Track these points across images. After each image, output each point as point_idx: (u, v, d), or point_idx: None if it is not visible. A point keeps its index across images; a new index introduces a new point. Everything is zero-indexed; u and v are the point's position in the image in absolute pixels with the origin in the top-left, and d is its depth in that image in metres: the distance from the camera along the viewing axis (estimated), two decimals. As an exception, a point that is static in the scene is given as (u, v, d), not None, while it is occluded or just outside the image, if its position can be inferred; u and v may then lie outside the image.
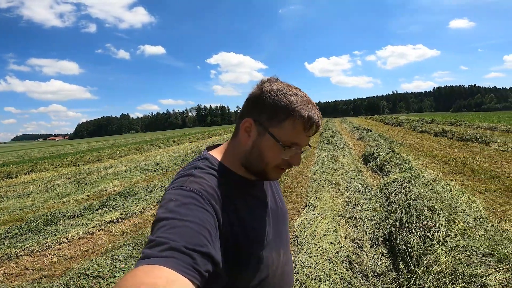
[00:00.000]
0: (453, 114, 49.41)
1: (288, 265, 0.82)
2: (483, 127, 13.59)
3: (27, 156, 23.44)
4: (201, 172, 0.65)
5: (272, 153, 0.66)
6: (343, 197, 4.20)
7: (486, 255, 1.90)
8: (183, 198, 0.57)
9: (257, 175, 0.71)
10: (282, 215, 0.82)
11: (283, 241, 0.80)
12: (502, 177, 5.02)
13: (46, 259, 3.28)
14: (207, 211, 0.57)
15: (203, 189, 0.61)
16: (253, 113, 0.68)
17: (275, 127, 0.65)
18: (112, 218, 4.39)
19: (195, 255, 0.48)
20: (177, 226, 0.51)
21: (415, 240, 2.22)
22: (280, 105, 0.65)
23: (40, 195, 7.05)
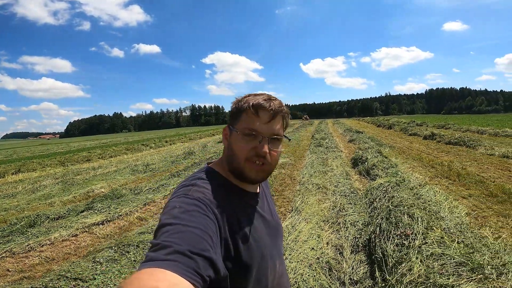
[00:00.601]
0: (443, 117, 50.25)
1: (283, 276, 0.84)
2: (472, 130, 13.84)
3: (16, 155, 23.02)
4: (203, 183, 0.70)
5: (237, 145, 0.72)
6: (329, 202, 4.22)
7: (460, 264, 1.93)
8: (187, 206, 0.60)
9: (239, 177, 0.74)
10: (277, 226, 0.86)
11: (279, 252, 0.84)
12: (486, 182, 5.11)
13: (27, 261, 3.23)
14: (210, 218, 0.60)
15: (206, 197, 0.64)
16: (229, 122, 0.78)
17: (236, 123, 0.74)
18: (96, 221, 4.34)
19: (198, 259, 0.49)
20: (181, 231, 0.53)
21: (392, 248, 2.24)
22: (238, 106, 0.75)
23: (25, 196, 6.93)
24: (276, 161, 0.75)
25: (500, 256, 2.36)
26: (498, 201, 4.06)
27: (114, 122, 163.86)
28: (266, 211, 0.82)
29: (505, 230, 3.10)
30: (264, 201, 0.84)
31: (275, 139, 0.74)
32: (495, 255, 2.39)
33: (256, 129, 0.71)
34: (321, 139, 12.35)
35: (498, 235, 2.92)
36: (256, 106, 0.72)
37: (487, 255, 2.38)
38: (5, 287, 2.65)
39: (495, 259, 2.31)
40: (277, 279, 0.79)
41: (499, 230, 3.09)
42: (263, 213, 0.80)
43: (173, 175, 7.41)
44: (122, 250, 3.08)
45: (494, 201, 4.09)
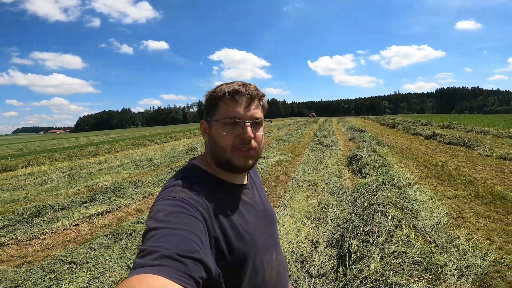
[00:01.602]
0: (451, 116, 49.38)
1: (282, 265, 0.84)
2: (476, 131, 13.71)
3: (26, 149, 23.74)
4: (186, 181, 0.68)
5: (221, 136, 0.70)
6: (317, 198, 4.39)
7: (416, 263, 2.05)
8: (170, 208, 0.58)
9: (226, 168, 0.73)
10: (271, 217, 0.85)
11: (275, 242, 0.84)
12: (476, 183, 5.18)
13: (30, 248, 3.50)
14: (196, 218, 0.59)
15: (190, 197, 0.62)
16: (204, 115, 0.78)
17: (215, 114, 0.72)
18: (97, 211, 4.61)
19: (188, 262, 0.49)
20: (167, 235, 0.52)
21: (356, 244, 2.39)
22: (212, 96, 0.74)
23: (34, 188, 7.27)
24: (261, 145, 0.75)
25: (467, 257, 2.49)
26: (482, 203, 4.15)
27: (123, 117, 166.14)
28: (257, 201, 0.81)
29: (480, 231, 3.20)
30: (254, 191, 0.83)
31: (256, 123, 0.73)
32: (462, 256, 2.52)
33: (237, 116, 0.70)
34: (321, 137, 12.45)
35: (472, 236, 3.04)
36: (232, 93, 0.71)
37: (454, 255, 2.52)
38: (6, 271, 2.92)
39: (461, 260, 2.44)
40: (274, 269, 0.79)
41: (475, 231, 3.19)
42: (253, 204, 0.79)
43: (173, 170, 7.66)
44: (115, 237, 3.33)
45: (479, 202, 4.18)
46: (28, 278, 2.40)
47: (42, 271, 2.54)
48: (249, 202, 0.78)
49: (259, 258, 0.72)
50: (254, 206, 0.79)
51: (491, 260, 2.41)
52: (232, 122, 0.70)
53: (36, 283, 2.35)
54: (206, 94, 0.76)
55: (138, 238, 3.38)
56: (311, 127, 22.88)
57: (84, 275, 2.51)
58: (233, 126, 0.70)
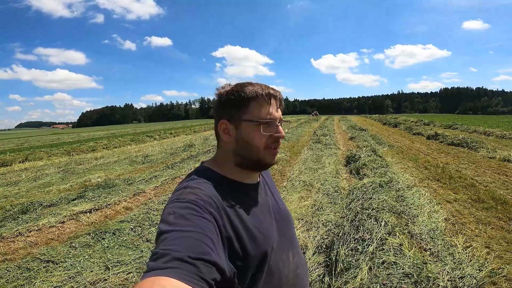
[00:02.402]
0: (455, 116, 48.95)
1: (300, 268, 0.82)
2: (479, 132, 13.48)
3: (27, 144, 23.73)
4: (196, 183, 0.68)
5: (255, 134, 0.72)
6: (311, 199, 4.25)
7: (406, 275, 1.91)
8: (180, 210, 0.59)
9: (254, 166, 0.75)
10: (286, 216, 0.83)
11: (292, 242, 0.81)
12: (477, 186, 5.01)
13: (13, 245, 3.39)
14: (206, 219, 0.59)
15: (199, 198, 0.62)
16: (223, 115, 0.74)
17: (245, 114, 0.72)
18: (85, 209, 4.49)
19: (199, 264, 0.49)
20: (178, 237, 0.52)
21: (345, 252, 2.24)
22: (242, 95, 0.72)
23: (27, 184, 7.18)
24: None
25: (462, 267, 2.34)
26: (483, 207, 3.99)
27: (125, 113, 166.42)
28: (270, 200, 0.81)
29: (479, 239, 3.04)
30: (267, 190, 0.83)
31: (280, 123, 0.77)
32: (458, 266, 2.38)
33: (272, 116, 0.73)
34: (321, 136, 12.28)
35: (470, 244, 2.88)
36: (267, 94, 0.73)
37: (449, 265, 2.37)
38: None
39: (456, 271, 2.30)
40: (292, 271, 0.77)
41: (473, 239, 3.03)
42: (266, 204, 0.78)
43: (168, 167, 7.54)
44: (98, 236, 3.22)
45: (479, 207, 4.01)
46: (3, 276, 2.31)
47: (18, 269, 2.46)
48: (262, 202, 0.77)
49: (274, 258, 0.71)
50: (268, 205, 0.78)
51: (488, 271, 2.26)
52: (268, 122, 0.72)
53: (10, 281, 2.26)
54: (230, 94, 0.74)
55: (121, 238, 3.26)
56: (312, 125, 22.67)
57: (60, 274, 2.41)
58: (268, 126, 0.72)
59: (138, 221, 3.77)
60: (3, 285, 2.30)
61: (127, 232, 3.41)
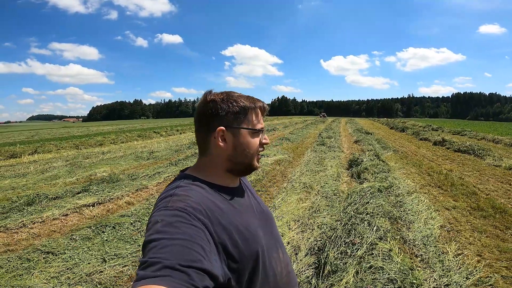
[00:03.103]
0: (465, 122, 48.02)
1: (290, 265, 0.85)
2: (488, 139, 13.23)
3: (37, 136, 24.30)
4: (183, 190, 0.68)
5: (252, 142, 0.77)
6: (309, 202, 4.28)
7: (391, 281, 1.93)
8: (168, 218, 0.58)
9: (244, 171, 0.79)
10: (269, 216, 0.87)
11: (278, 241, 0.84)
12: (479, 194, 4.97)
13: (16, 236, 3.51)
14: (196, 226, 0.58)
15: (188, 205, 0.62)
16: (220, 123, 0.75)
17: (244, 123, 0.76)
18: (88, 202, 4.62)
19: (190, 272, 0.48)
20: (168, 245, 0.52)
21: (334, 255, 2.27)
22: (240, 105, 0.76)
23: (35, 176, 7.37)
24: None
25: (450, 274, 2.36)
26: (481, 216, 3.96)
27: (134, 108, 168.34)
28: (253, 202, 0.83)
29: (472, 247, 3.03)
30: (248, 193, 0.85)
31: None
32: (446, 273, 2.39)
33: (262, 126, 0.80)
34: (326, 138, 12.25)
35: (462, 251, 2.88)
36: (262, 107, 0.81)
37: (437, 272, 2.39)
38: None
39: (444, 278, 2.31)
40: (284, 269, 0.79)
41: (466, 246, 3.02)
42: (250, 205, 0.80)
43: (171, 164, 7.65)
44: (99, 230, 3.32)
45: (477, 215, 3.99)
46: (4, 266, 2.41)
47: (19, 260, 2.56)
48: (246, 204, 0.79)
49: (267, 258, 0.73)
50: (251, 207, 0.80)
51: (475, 279, 2.26)
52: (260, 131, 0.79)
53: (10, 270, 2.36)
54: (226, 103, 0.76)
55: (120, 232, 3.36)
56: (318, 127, 22.59)
57: (58, 265, 2.50)
58: (258, 134, 0.79)
59: (138, 216, 3.86)
60: (2, 275, 2.39)
61: (127, 227, 3.51)
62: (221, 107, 0.75)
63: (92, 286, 2.34)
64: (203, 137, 0.78)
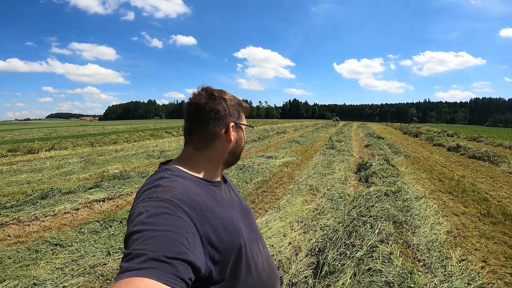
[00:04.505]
0: (482, 128, 46.41)
1: (270, 258, 0.86)
2: (504, 146, 12.77)
3: (55, 133, 25.17)
4: (167, 181, 0.66)
5: (244, 136, 0.85)
6: (314, 204, 4.27)
7: (388, 284, 1.91)
8: (154, 209, 0.57)
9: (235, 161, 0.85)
10: (248, 210, 0.88)
11: (258, 235, 0.85)
12: (490, 201, 4.83)
13: (28, 228, 3.67)
14: (181, 218, 0.57)
15: (174, 197, 0.61)
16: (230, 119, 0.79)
17: (242, 120, 0.84)
18: (99, 198, 4.77)
19: (176, 263, 0.48)
20: (153, 237, 0.51)
21: (332, 256, 2.27)
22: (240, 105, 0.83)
23: (50, 171, 7.65)
24: None
25: (452, 280, 2.32)
26: (490, 222, 3.85)
27: (148, 108, 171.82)
28: (233, 197, 0.84)
29: (478, 252, 2.96)
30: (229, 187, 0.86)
31: None
32: (447, 278, 2.35)
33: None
34: (336, 142, 12.14)
35: (466, 257, 2.81)
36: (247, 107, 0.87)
37: (439, 277, 2.35)
38: None
39: (445, 283, 2.28)
40: (266, 261, 0.81)
41: (471, 252, 2.95)
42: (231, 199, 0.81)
43: (180, 164, 7.78)
44: (106, 224, 3.42)
45: (486, 222, 3.88)
46: (12, 257, 2.51)
47: (27, 251, 2.66)
48: (228, 198, 0.80)
49: (249, 250, 0.74)
50: (232, 201, 0.82)
51: (477, 285, 2.21)
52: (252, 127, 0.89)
53: (18, 261, 2.46)
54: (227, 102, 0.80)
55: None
56: (328, 131, 22.40)
57: (64, 257, 2.60)
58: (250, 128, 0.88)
59: (145, 212, 3.96)
60: (9, 265, 2.50)
61: (133, 222, 3.60)
62: (231, 104, 0.80)
63: (94, 277, 2.41)
64: (206, 132, 0.76)
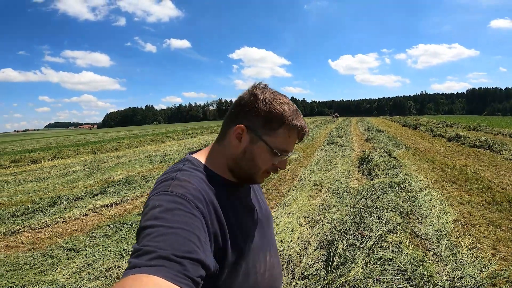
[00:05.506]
0: (481, 118, 46.49)
1: (275, 268, 0.82)
2: (504, 134, 12.85)
3: (55, 143, 25.19)
4: (184, 175, 0.64)
5: (264, 159, 0.69)
6: (319, 198, 4.32)
7: (400, 272, 1.95)
8: (167, 204, 0.55)
9: (244, 179, 0.73)
10: (266, 217, 0.83)
11: (269, 243, 0.81)
12: (494, 188, 4.88)
13: (40, 235, 3.72)
14: (194, 215, 0.56)
15: (189, 192, 0.59)
16: (246, 120, 0.68)
17: (268, 135, 0.67)
18: (106, 203, 4.82)
19: (185, 262, 0.47)
20: (164, 234, 0.50)
21: (342, 247, 2.32)
22: (274, 113, 0.67)
23: (55, 180, 7.70)
24: None
25: (464, 268, 2.36)
26: (496, 210, 3.90)
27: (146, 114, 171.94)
28: (253, 201, 0.79)
29: (487, 240, 2.99)
30: (251, 190, 0.81)
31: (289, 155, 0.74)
32: (459, 266, 2.39)
33: (289, 150, 0.70)
34: (336, 137, 12.20)
35: (476, 245, 2.86)
36: (301, 130, 0.70)
37: (450, 265, 2.39)
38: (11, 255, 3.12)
39: (457, 271, 2.32)
40: (268, 271, 0.77)
41: (481, 240, 2.99)
42: (248, 203, 0.77)
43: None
44: (117, 228, 3.48)
45: (492, 209, 3.92)
46: (29, 262, 2.56)
47: (43, 256, 2.71)
48: (245, 201, 0.76)
49: (251, 258, 0.71)
50: (249, 205, 0.77)
51: (490, 272, 2.25)
52: (282, 154, 0.69)
53: (35, 267, 2.51)
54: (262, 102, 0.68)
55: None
56: (328, 127, 22.46)
57: (80, 261, 2.65)
58: (279, 157, 0.69)
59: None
60: (27, 271, 2.55)
61: (143, 225, 3.66)
62: (257, 105, 0.67)
63: (110, 280, 2.47)
64: (226, 124, 0.73)
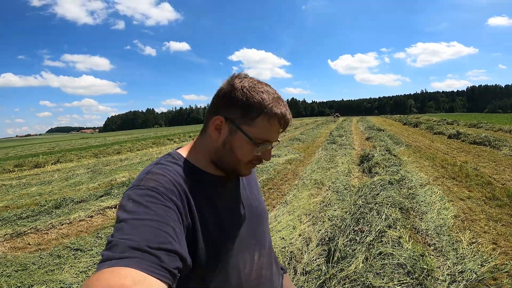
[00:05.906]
0: (481, 115, 46.42)
1: (267, 269, 0.78)
2: (504, 130, 12.87)
3: (58, 147, 25.35)
4: (160, 168, 0.63)
5: (244, 150, 0.66)
6: (321, 197, 4.37)
7: (400, 266, 1.99)
8: (139, 197, 0.55)
9: (228, 171, 0.71)
10: (257, 214, 0.79)
11: (259, 242, 0.77)
12: (494, 184, 4.91)
13: (46, 236, 3.79)
14: (168, 207, 0.56)
15: (160, 185, 0.58)
16: (224, 111, 0.66)
17: (247, 125, 0.65)
18: (111, 204, 4.89)
19: (160, 254, 0.47)
20: (137, 226, 0.50)
21: (343, 242, 2.37)
22: (252, 102, 0.64)
23: (60, 183, 7.79)
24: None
25: (464, 262, 2.40)
26: (496, 205, 3.94)
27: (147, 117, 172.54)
28: (243, 196, 0.76)
29: (487, 235, 3.03)
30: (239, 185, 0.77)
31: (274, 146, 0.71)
32: (460, 260, 2.43)
33: (271, 140, 0.68)
34: (337, 137, 12.25)
35: (476, 240, 2.90)
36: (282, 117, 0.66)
37: (451, 260, 2.43)
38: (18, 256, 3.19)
39: (458, 265, 2.36)
40: (256, 271, 0.73)
41: (481, 235, 3.02)
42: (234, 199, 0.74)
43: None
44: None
45: (492, 205, 3.96)
46: (36, 263, 2.62)
47: (50, 257, 2.77)
48: (230, 197, 0.73)
49: (233, 257, 0.68)
50: (237, 201, 0.74)
51: (490, 266, 2.29)
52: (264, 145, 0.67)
53: (42, 266, 2.57)
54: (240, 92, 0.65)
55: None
56: (329, 127, 22.51)
57: (86, 261, 2.71)
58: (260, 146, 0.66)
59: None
60: (35, 271, 2.61)
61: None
62: (234, 95, 0.65)
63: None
64: (207, 116, 0.71)
